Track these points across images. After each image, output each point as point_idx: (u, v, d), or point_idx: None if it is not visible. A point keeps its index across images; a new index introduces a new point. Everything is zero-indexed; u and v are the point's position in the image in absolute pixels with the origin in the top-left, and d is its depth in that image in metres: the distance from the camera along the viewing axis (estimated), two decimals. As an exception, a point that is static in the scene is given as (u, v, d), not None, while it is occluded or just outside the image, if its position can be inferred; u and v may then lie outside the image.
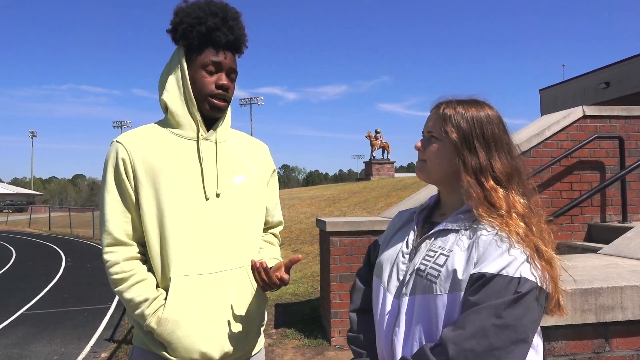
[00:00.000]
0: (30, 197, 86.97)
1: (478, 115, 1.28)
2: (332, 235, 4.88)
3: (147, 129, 1.64)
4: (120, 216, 1.54)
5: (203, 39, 1.58)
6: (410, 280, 1.26)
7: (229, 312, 1.56)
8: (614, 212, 5.11)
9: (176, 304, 1.49)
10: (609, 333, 1.58)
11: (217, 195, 1.58)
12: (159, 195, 1.53)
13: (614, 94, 19.57)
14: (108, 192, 1.55)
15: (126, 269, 1.52)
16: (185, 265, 1.51)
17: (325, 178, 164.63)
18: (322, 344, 4.95)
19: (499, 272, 1.13)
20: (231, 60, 1.61)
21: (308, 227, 12.25)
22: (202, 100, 1.59)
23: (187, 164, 1.58)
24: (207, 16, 1.57)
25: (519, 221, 1.20)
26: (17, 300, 9.16)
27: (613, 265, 1.99)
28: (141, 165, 1.54)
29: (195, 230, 1.54)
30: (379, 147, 33.84)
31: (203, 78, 1.58)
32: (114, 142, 1.59)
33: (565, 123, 5.08)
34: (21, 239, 23.62)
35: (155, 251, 1.52)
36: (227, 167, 1.63)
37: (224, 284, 1.56)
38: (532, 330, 1.14)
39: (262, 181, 1.75)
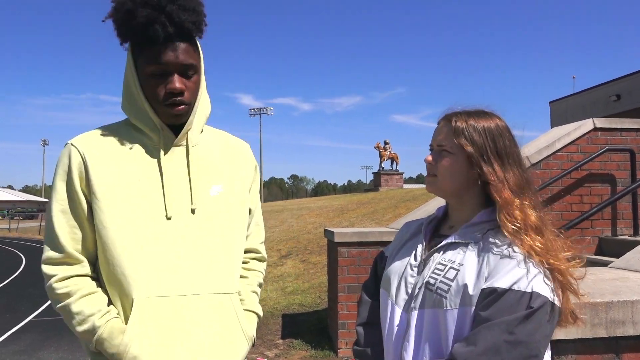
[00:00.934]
0: (41, 205, 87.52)
1: (489, 127, 1.27)
2: (340, 246, 4.87)
3: (107, 130, 1.43)
4: (68, 230, 1.35)
5: (140, 38, 1.33)
6: (419, 293, 1.25)
7: (203, 340, 1.34)
8: (625, 226, 5.06)
9: (139, 326, 1.28)
10: (620, 348, 1.56)
11: (192, 210, 1.38)
12: (115, 210, 1.32)
13: (625, 106, 19.44)
14: (57, 202, 1.36)
15: (75, 283, 1.33)
16: (151, 286, 1.30)
17: (333, 188, 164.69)
18: (329, 355, 4.92)
19: (511, 286, 1.11)
20: (182, 55, 1.33)
21: (316, 238, 12.23)
22: (158, 109, 1.37)
23: (151, 176, 1.37)
24: (136, 7, 1.29)
25: (532, 234, 1.18)
26: (26, 307, 9.20)
27: (624, 279, 1.97)
28: (97, 174, 1.34)
29: (157, 251, 1.32)
30: (387, 158, 33.80)
31: (151, 87, 1.35)
32: (68, 144, 1.38)
33: (576, 135, 5.06)
34: (31, 246, 23.77)
35: (113, 270, 1.31)
36: (201, 177, 1.42)
37: (199, 308, 1.34)
38: (544, 345, 1.13)
39: (243, 188, 1.53)
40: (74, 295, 1.32)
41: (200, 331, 1.33)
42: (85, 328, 1.30)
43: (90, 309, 1.31)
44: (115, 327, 1.29)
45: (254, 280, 1.60)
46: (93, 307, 1.31)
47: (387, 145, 34.34)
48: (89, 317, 1.30)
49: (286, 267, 10.65)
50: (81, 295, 1.32)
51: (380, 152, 34.16)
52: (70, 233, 1.35)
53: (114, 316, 1.31)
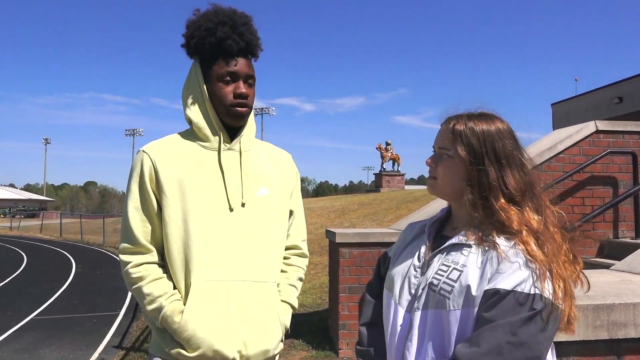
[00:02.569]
0: (42, 203, 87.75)
1: (489, 130, 1.27)
2: (341, 247, 4.87)
3: (172, 139, 1.67)
4: (141, 224, 1.57)
5: (215, 50, 1.59)
6: (422, 294, 1.25)
7: (249, 321, 1.55)
8: (626, 229, 5.06)
9: (196, 305, 1.50)
10: (622, 350, 1.56)
11: (242, 204, 1.60)
12: (184, 205, 1.55)
13: (627, 109, 19.43)
14: (131, 200, 1.58)
15: (146, 269, 1.56)
16: (207, 272, 1.52)
17: (335, 189, 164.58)
18: (329, 355, 4.93)
19: (514, 288, 1.12)
20: (246, 67, 1.62)
21: (317, 238, 12.23)
22: (223, 111, 1.61)
23: (211, 175, 1.60)
24: (216, 26, 1.58)
25: (531, 238, 1.19)
26: (27, 306, 9.22)
27: (626, 282, 1.97)
28: (166, 176, 1.57)
29: (219, 240, 1.55)
30: (389, 159, 33.80)
31: (221, 89, 1.60)
32: (141, 151, 1.62)
33: (578, 138, 5.06)
34: (32, 245, 23.81)
35: (178, 257, 1.54)
36: (251, 178, 1.64)
37: (245, 293, 1.55)
38: (546, 347, 1.14)
39: (286, 193, 1.74)
40: (146, 279, 1.54)
41: (243, 313, 1.53)
42: (154, 307, 1.52)
43: (159, 292, 1.53)
44: (177, 307, 1.51)
45: (293, 275, 1.77)
46: (161, 289, 1.53)
47: (389, 146, 34.34)
48: (157, 298, 1.52)
49: (287, 267, 10.63)
50: (151, 279, 1.54)
51: (381, 153, 34.16)
52: (142, 227, 1.57)
53: (177, 298, 1.53)
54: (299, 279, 1.79)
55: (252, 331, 1.54)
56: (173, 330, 1.50)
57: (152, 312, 1.53)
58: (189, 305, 1.50)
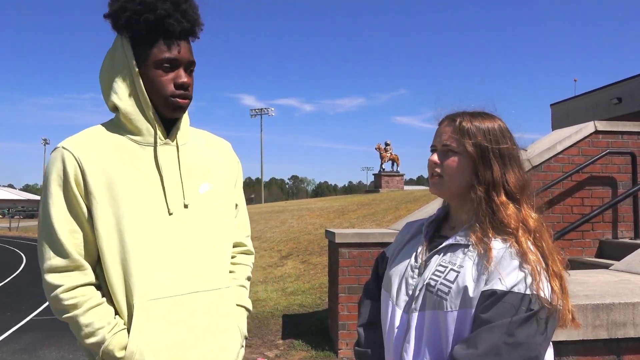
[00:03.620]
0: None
1: (493, 128, 1.28)
2: (341, 247, 4.88)
3: (96, 131, 1.42)
4: (70, 235, 1.32)
5: (153, 30, 1.36)
6: (419, 295, 1.25)
7: (202, 336, 1.38)
8: (625, 229, 5.07)
9: (141, 332, 1.30)
10: (621, 349, 1.57)
11: (185, 206, 1.40)
12: (117, 211, 1.32)
13: (626, 109, 19.46)
14: (54, 207, 1.32)
15: (83, 293, 1.32)
16: (150, 289, 1.32)
17: (334, 189, 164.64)
18: (329, 356, 4.93)
19: (511, 289, 1.12)
20: (188, 52, 1.40)
21: (317, 238, 12.23)
22: (161, 102, 1.39)
23: (146, 174, 1.38)
24: (156, 1, 1.34)
25: (528, 237, 1.19)
26: (27, 306, 9.21)
27: (625, 282, 1.97)
28: (94, 177, 1.33)
29: (160, 249, 1.35)
30: (388, 159, 33.81)
31: (159, 77, 1.38)
32: (59, 147, 1.36)
33: (577, 138, 5.07)
34: (31, 245, 23.78)
35: (113, 274, 1.32)
36: (191, 175, 1.44)
37: (195, 307, 1.37)
38: (544, 347, 1.14)
39: (230, 185, 1.56)
40: (82, 307, 1.31)
41: (199, 328, 1.37)
42: (94, 340, 1.30)
43: (100, 322, 1.31)
44: (122, 341, 1.30)
45: (242, 274, 1.61)
46: (102, 319, 1.31)
47: (388, 146, 34.35)
48: (98, 330, 1.30)
49: (287, 267, 10.66)
50: (89, 307, 1.32)
51: (381, 153, 34.17)
52: (72, 238, 1.33)
53: (121, 328, 1.32)
54: (248, 278, 1.63)
55: (209, 349, 1.38)
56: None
57: (93, 346, 1.31)
58: (133, 333, 1.29)
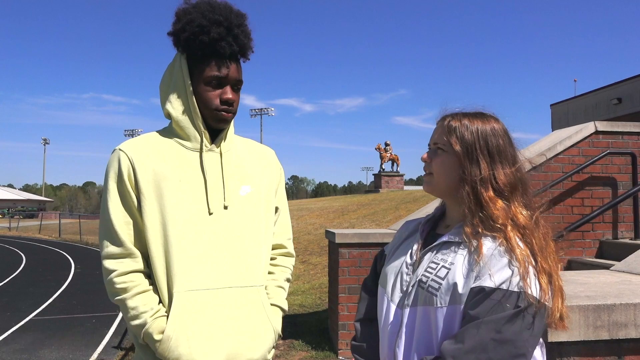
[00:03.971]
0: (41, 204, 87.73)
1: (483, 128, 1.29)
2: (341, 247, 4.87)
3: (151, 137, 1.59)
4: (125, 226, 1.49)
5: (206, 50, 1.51)
6: (412, 291, 1.28)
7: (236, 330, 1.48)
8: (626, 229, 5.07)
9: (178, 320, 1.43)
10: (622, 350, 1.56)
11: (224, 207, 1.53)
12: (163, 208, 1.47)
13: (626, 110, 19.46)
14: (111, 201, 1.50)
15: (132, 279, 1.47)
16: (189, 280, 1.45)
17: (334, 190, 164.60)
18: (329, 356, 4.93)
19: (499, 286, 1.14)
20: (236, 72, 1.55)
21: (317, 238, 12.23)
22: (207, 114, 1.54)
23: (191, 176, 1.53)
24: (211, 25, 1.48)
25: (518, 234, 1.20)
26: (26, 306, 9.21)
27: (626, 282, 1.97)
28: (144, 175, 1.49)
29: (200, 246, 1.48)
30: (388, 159, 33.81)
31: (207, 92, 1.53)
32: (117, 149, 1.54)
33: (577, 138, 5.06)
34: (31, 245, 23.79)
35: (158, 265, 1.46)
36: (233, 178, 1.57)
37: (231, 301, 1.48)
38: (532, 344, 1.15)
39: (270, 189, 1.67)
40: (131, 292, 1.46)
41: (232, 322, 1.47)
42: (137, 323, 1.45)
43: (144, 307, 1.45)
44: (161, 325, 1.43)
45: (281, 276, 1.70)
46: (146, 304, 1.46)
47: (388, 146, 34.35)
48: (142, 314, 1.45)
49: (286, 267, 10.64)
50: (137, 292, 1.46)
51: (381, 153, 34.17)
52: (127, 229, 1.49)
53: (162, 314, 1.45)
54: (287, 280, 1.72)
55: (240, 342, 1.48)
56: (155, 349, 1.44)
57: (136, 328, 1.46)
58: (170, 320, 1.43)
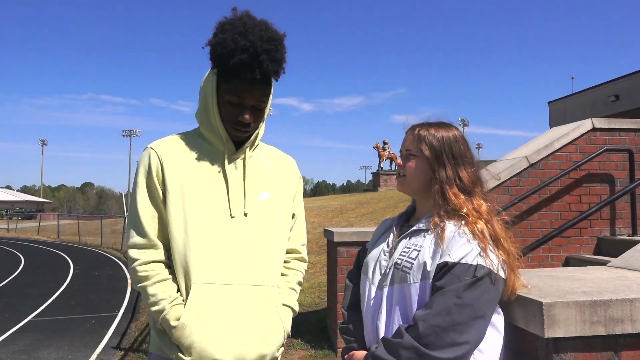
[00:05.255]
0: (40, 205, 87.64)
1: (447, 136, 1.57)
2: (339, 246, 4.88)
3: (180, 138, 1.69)
4: (151, 219, 1.58)
5: (230, 72, 1.56)
6: (389, 273, 1.52)
7: (248, 325, 1.56)
8: (623, 226, 5.08)
9: (195, 309, 1.52)
10: (619, 345, 1.57)
11: (244, 214, 1.62)
12: (185, 205, 1.57)
13: (624, 106, 19.48)
14: (139, 194, 1.60)
15: (153, 268, 1.57)
16: (207, 274, 1.54)
17: (332, 189, 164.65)
18: (328, 354, 4.93)
19: (459, 260, 1.38)
20: (258, 96, 1.59)
21: (315, 237, 12.24)
22: (228, 127, 1.62)
23: (215, 180, 1.62)
24: (237, 50, 1.52)
25: (477, 219, 1.46)
26: (25, 307, 9.21)
27: (622, 278, 1.98)
28: (171, 173, 1.59)
29: (219, 244, 1.57)
30: (386, 158, 33.85)
31: (226, 109, 1.60)
32: (148, 147, 1.65)
33: (575, 135, 5.07)
34: (30, 246, 23.77)
35: (179, 257, 1.55)
36: (253, 185, 1.67)
37: (246, 297, 1.57)
38: (490, 308, 1.40)
39: (288, 196, 1.76)
40: (151, 279, 1.56)
41: (244, 317, 1.56)
42: (156, 309, 1.54)
43: (162, 294, 1.55)
44: (178, 313, 1.53)
45: (293, 279, 1.79)
46: (165, 292, 1.55)
47: (386, 145, 34.40)
48: (160, 301, 1.54)
49: (285, 267, 10.64)
50: (157, 280, 1.56)
51: (379, 152, 34.22)
52: (152, 221, 1.59)
53: (179, 302, 1.55)
54: (299, 283, 1.81)
55: (252, 336, 1.56)
56: (171, 334, 1.53)
57: (154, 313, 1.55)
58: (187, 309, 1.51)
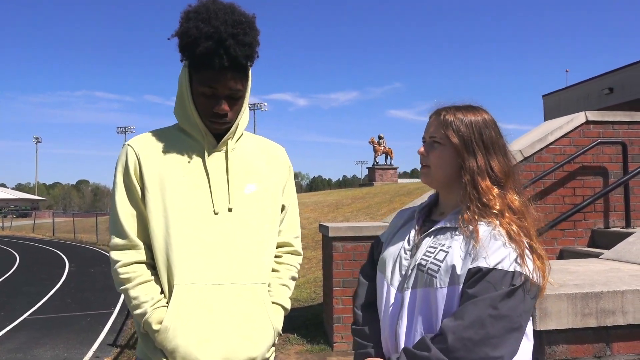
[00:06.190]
0: (34, 203, 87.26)
1: (476, 120, 1.37)
2: (334, 241, 4.88)
3: (159, 133, 1.63)
4: (131, 218, 1.53)
5: (198, 62, 1.48)
6: (412, 274, 1.34)
7: (235, 326, 1.48)
8: (617, 218, 5.10)
9: (178, 311, 1.45)
10: (610, 337, 1.58)
11: (229, 209, 1.54)
12: (166, 202, 1.50)
13: (618, 99, 19.52)
14: (118, 194, 1.55)
15: (134, 270, 1.51)
16: (190, 274, 1.47)
17: (328, 184, 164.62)
18: (324, 349, 4.94)
19: (495, 266, 1.21)
20: (231, 83, 1.49)
21: (311, 233, 12.25)
22: (205, 120, 1.55)
23: (196, 176, 1.55)
24: (201, 38, 1.44)
25: (512, 218, 1.29)
26: (21, 305, 9.18)
27: (614, 270, 1.99)
28: (149, 170, 1.53)
29: (203, 241, 1.50)
30: (382, 152, 33.85)
31: (201, 101, 1.53)
32: (125, 144, 1.60)
33: (568, 128, 5.08)
34: (25, 244, 23.69)
35: (160, 256, 1.49)
36: (238, 178, 1.58)
37: (232, 296, 1.49)
38: (525, 319, 1.24)
39: (277, 187, 1.66)
40: (133, 282, 1.50)
41: (231, 318, 1.48)
42: (139, 312, 1.48)
43: (145, 297, 1.49)
44: (161, 315, 1.46)
45: (286, 274, 1.68)
46: (147, 294, 1.49)
47: (382, 140, 34.38)
48: (143, 304, 1.48)
49: (281, 262, 10.65)
50: (139, 282, 1.50)
51: (374, 147, 34.20)
52: (132, 221, 1.53)
53: (162, 305, 1.48)
54: (292, 278, 1.71)
55: (239, 337, 1.48)
56: (154, 338, 1.47)
57: (137, 316, 1.50)
58: (170, 311, 1.45)
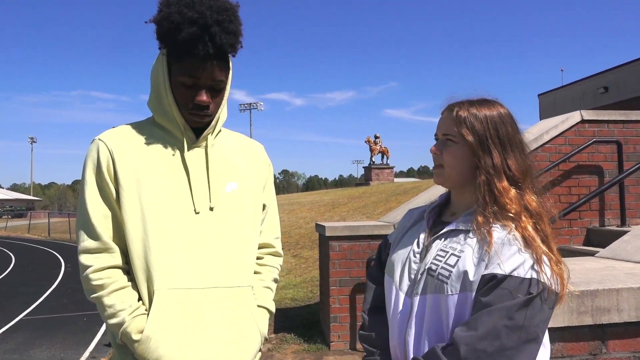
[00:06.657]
0: (30, 203, 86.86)
1: (491, 115, 1.28)
2: (331, 240, 4.88)
3: (132, 128, 1.50)
4: (103, 219, 1.40)
5: (180, 49, 1.39)
6: (421, 279, 1.26)
7: (221, 332, 1.39)
8: (612, 216, 5.12)
9: (159, 319, 1.34)
10: (606, 335, 1.59)
11: (210, 208, 1.44)
12: (143, 202, 1.39)
13: (613, 98, 19.59)
14: (88, 193, 1.41)
15: (109, 275, 1.38)
16: (171, 278, 1.36)
17: (324, 183, 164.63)
18: (321, 348, 4.94)
19: (511, 273, 1.13)
20: (212, 75, 1.41)
21: (307, 232, 12.25)
22: (185, 114, 1.45)
23: (174, 173, 1.44)
24: (184, 23, 1.35)
25: (529, 222, 1.20)
26: (17, 306, 9.15)
27: (610, 268, 2.00)
28: (124, 167, 1.40)
29: (182, 242, 1.39)
30: (378, 152, 33.87)
31: (180, 92, 1.43)
32: (96, 139, 1.46)
33: (564, 127, 5.10)
34: (20, 245, 23.58)
35: (138, 261, 1.37)
36: (219, 175, 1.50)
37: (215, 301, 1.40)
38: (542, 330, 1.15)
39: (257, 185, 1.59)
40: (107, 288, 1.37)
41: (216, 323, 1.39)
42: (115, 321, 1.35)
43: (121, 305, 1.36)
44: (140, 324, 1.34)
45: (268, 276, 1.62)
46: (124, 302, 1.36)
47: (378, 139, 34.40)
48: (119, 312, 1.35)
49: (278, 262, 10.64)
50: (114, 289, 1.37)
51: (370, 146, 34.21)
52: (105, 222, 1.40)
53: (141, 313, 1.36)
54: (274, 280, 1.64)
55: (225, 343, 1.40)
56: (134, 350, 1.35)
57: (113, 327, 1.36)
58: (151, 319, 1.34)
